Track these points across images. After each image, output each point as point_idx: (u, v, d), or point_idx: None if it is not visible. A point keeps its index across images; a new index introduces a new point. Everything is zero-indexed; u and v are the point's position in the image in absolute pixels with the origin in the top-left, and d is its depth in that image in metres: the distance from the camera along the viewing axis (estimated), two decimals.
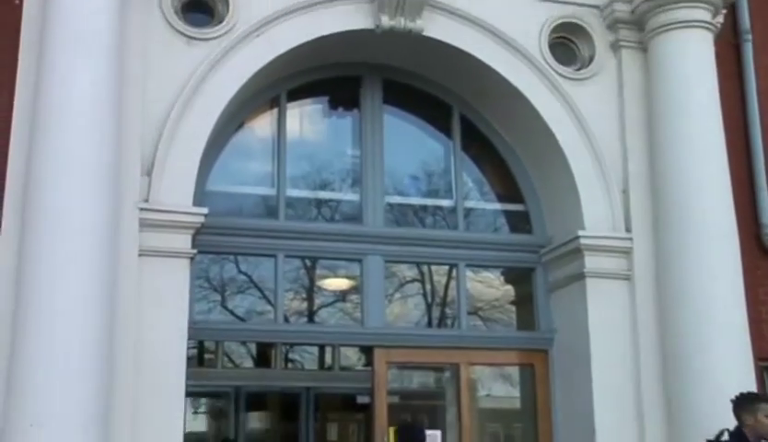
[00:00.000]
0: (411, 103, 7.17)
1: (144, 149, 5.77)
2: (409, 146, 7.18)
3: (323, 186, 7.03)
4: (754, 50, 7.15)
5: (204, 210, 5.89)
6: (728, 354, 5.96)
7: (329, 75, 6.91)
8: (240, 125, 6.74)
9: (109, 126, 5.37)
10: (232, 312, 7.04)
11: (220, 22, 6.18)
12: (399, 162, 7.10)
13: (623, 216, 6.55)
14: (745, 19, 7.16)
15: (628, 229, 6.52)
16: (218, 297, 6.99)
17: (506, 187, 7.23)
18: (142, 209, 5.67)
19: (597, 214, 6.54)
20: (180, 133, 5.90)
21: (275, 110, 6.84)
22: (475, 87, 6.93)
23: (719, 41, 6.71)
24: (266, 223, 6.63)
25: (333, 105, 7.14)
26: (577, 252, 6.48)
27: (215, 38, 6.11)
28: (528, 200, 7.11)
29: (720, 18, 6.71)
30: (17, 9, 5.74)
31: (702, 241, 6.16)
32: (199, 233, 5.91)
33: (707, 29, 6.53)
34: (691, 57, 6.47)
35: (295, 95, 6.90)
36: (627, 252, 6.47)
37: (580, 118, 6.66)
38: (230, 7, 6.17)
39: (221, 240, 6.34)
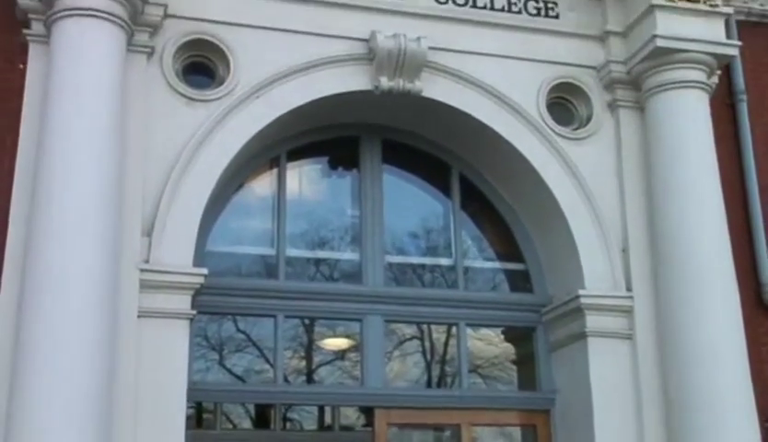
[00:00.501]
0: (410, 163, 7.22)
1: (144, 210, 5.79)
2: (408, 206, 7.20)
3: (323, 246, 7.03)
4: (749, 110, 7.24)
5: (204, 270, 5.89)
6: (733, 414, 5.92)
7: (328, 135, 6.96)
8: (240, 185, 6.77)
9: (110, 188, 5.40)
10: (230, 371, 6.98)
11: (221, 84, 6.24)
12: (398, 221, 7.12)
13: (624, 275, 6.55)
14: (740, 80, 7.26)
15: (629, 288, 6.52)
16: (216, 356, 6.94)
17: (506, 246, 7.24)
18: (142, 270, 5.67)
19: (597, 273, 6.54)
20: (181, 194, 5.92)
21: (275, 171, 6.88)
22: (474, 147, 6.98)
23: (714, 101, 6.79)
24: (266, 283, 6.62)
25: (333, 165, 7.18)
26: (578, 312, 6.46)
27: (215, 99, 6.17)
28: (528, 259, 7.11)
29: (715, 79, 6.79)
30: (21, 73, 5.81)
31: (703, 300, 6.16)
32: (199, 293, 5.90)
33: (703, 89, 6.60)
34: (687, 117, 6.53)
35: (294, 155, 6.95)
36: (628, 311, 6.46)
37: (579, 177, 6.70)
38: (231, 69, 6.23)
39: (221, 301, 6.33)
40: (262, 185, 6.91)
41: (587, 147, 6.81)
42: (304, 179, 7.12)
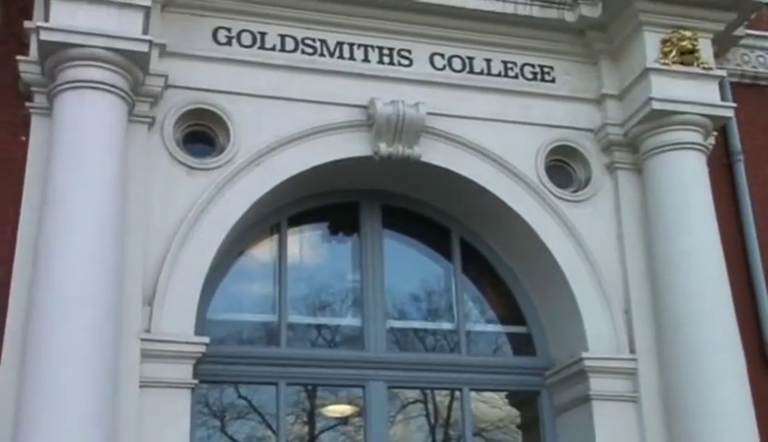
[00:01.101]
0: (410, 227, 7.23)
1: (145, 279, 5.79)
2: (409, 270, 7.20)
3: (325, 312, 7.02)
4: (746, 170, 7.28)
5: (206, 339, 5.87)
6: None
7: (328, 201, 6.99)
8: (241, 252, 6.77)
9: (111, 258, 5.40)
10: (232, 438, 6.90)
11: (221, 152, 6.28)
12: (400, 286, 7.12)
13: (627, 337, 6.52)
14: (736, 140, 7.32)
15: (632, 350, 6.48)
16: (218, 423, 6.86)
17: (508, 309, 7.22)
18: (143, 340, 5.65)
19: (600, 335, 6.51)
20: (182, 263, 5.92)
21: (276, 237, 6.88)
22: (474, 211, 7.01)
23: (712, 162, 6.84)
24: (268, 350, 6.59)
25: (333, 230, 7.19)
26: (582, 374, 6.42)
27: (216, 168, 6.20)
28: (530, 322, 7.08)
29: (711, 140, 6.85)
30: (23, 145, 5.86)
31: (708, 361, 6.12)
32: (200, 362, 5.86)
33: (700, 150, 6.65)
34: (685, 178, 6.57)
35: (295, 221, 6.96)
36: (632, 374, 6.41)
37: (579, 239, 6.71)
38: (231, 138, 6.28)
39: (222, 369, 6.29)
40: (263, 251, 6.91)
41: (587, 209, 6.84)
42: (305, 244, 7.13)
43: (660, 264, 6.51)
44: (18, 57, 5.92)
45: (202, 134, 6.40)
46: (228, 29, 6.50)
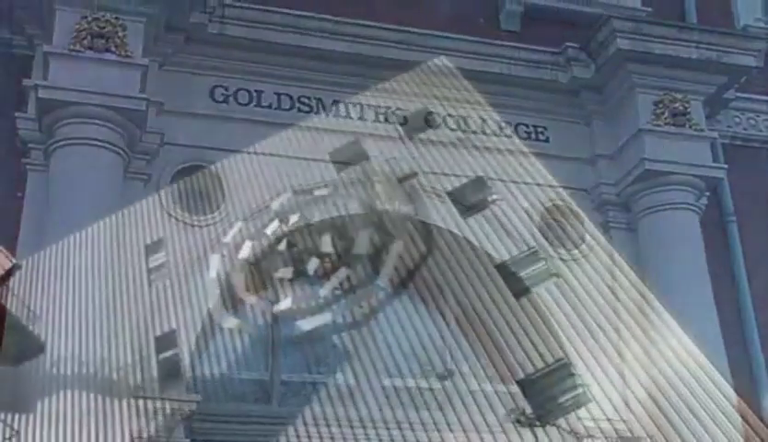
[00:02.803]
0: (405, 284, 7.20)
1: (138, 334, 5.75)
2: (404, 327, 7.15)
3: (318, 368, 6.97)
4: (739, 230, 7.31)
5: (198, 397, 5.82)
6: None
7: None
8: (235, 308, 6.75)
9: (104, 315, 5.38)
10: None
11: (216, 209, 6.31)
12: (394, 343, 7.07)
13: (622, 399, 6.44)
14: (728, 202, 7.37)
15: (627, 413, 6.41)
16: None
17: (502, 368, 7.15)
18: (135, 397, 5.60)
19: (595, 396, 6.43)
20: (175, 319, 5.89)
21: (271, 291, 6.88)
22: (468, 269, 6.98)
23: (705, 222, 6.86)
24: (260, 408, 6.53)
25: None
26: (577, 437, 6.35)
27: (210, 224, 6.23)
28: (524, 381, 7.02)
29: (704, 200, 6.88)
30: (19, 201, 5.90)
31: (703, 424, 6.04)
32: (191, 420, 5.81)
33: (692, 210, 6.69)
34: (679, 237, 6.60)
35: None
36: (627, 437, 6.34)
37: (574, 298, 6.67)
38: (225, 194, 6.29)
39: (214, 427, 6.21)
40: (257, 308, 6.88)
41: (581, 268, 6.83)
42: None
43: (655, 325, 6.48)
44: (17, 114, 5.97)
45: (197, 191, 6.41)
46: (225, 88, 6.57)
